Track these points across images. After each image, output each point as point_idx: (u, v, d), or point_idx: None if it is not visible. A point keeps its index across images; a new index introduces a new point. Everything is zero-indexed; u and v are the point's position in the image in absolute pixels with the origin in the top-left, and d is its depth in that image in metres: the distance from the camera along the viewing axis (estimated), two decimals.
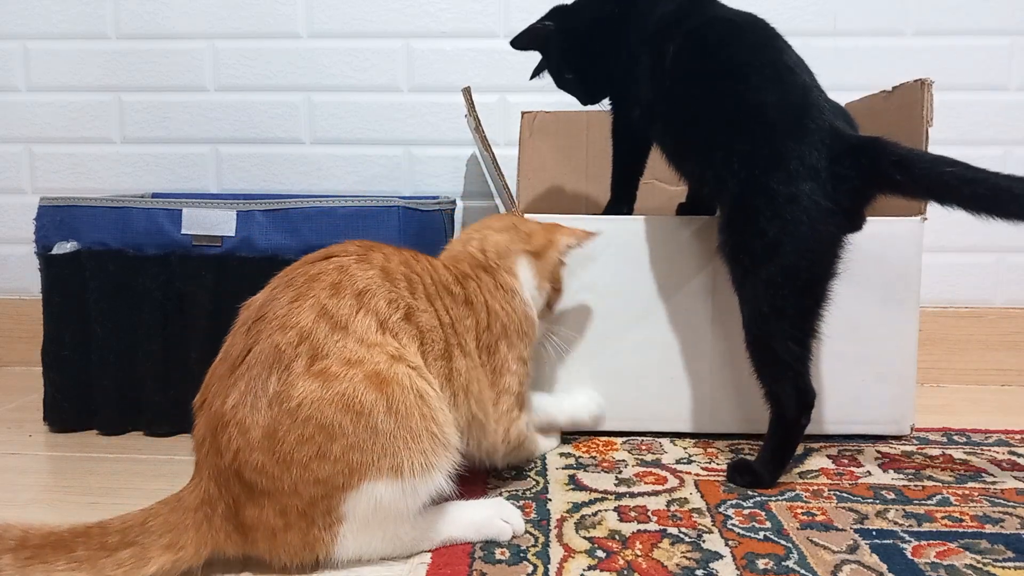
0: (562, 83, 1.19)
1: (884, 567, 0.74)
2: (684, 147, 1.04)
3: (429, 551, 0.77)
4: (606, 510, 0.87)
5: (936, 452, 1.08)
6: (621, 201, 1.18)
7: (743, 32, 1.00)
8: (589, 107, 1.20)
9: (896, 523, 0.84)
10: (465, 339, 0.85)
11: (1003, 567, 0.74)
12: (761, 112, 0.92)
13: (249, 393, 0.71)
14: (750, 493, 0.93)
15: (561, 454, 1.06)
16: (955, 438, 1.14)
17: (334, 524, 0.71)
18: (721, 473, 0.99)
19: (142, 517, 0.71)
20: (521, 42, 1.16)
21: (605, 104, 1.18)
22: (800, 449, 1.06)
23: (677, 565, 0.74)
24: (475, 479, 0.95)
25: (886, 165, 0.88)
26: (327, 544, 0.71)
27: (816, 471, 1.00)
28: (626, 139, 1.15)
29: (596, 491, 0.93)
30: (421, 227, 1.19)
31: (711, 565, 0.74)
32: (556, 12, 1.16)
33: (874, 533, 0.81)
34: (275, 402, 0.70)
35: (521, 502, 0.89)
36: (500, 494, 0.91)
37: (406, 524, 0.75)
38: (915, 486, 0.95)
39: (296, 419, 0.69)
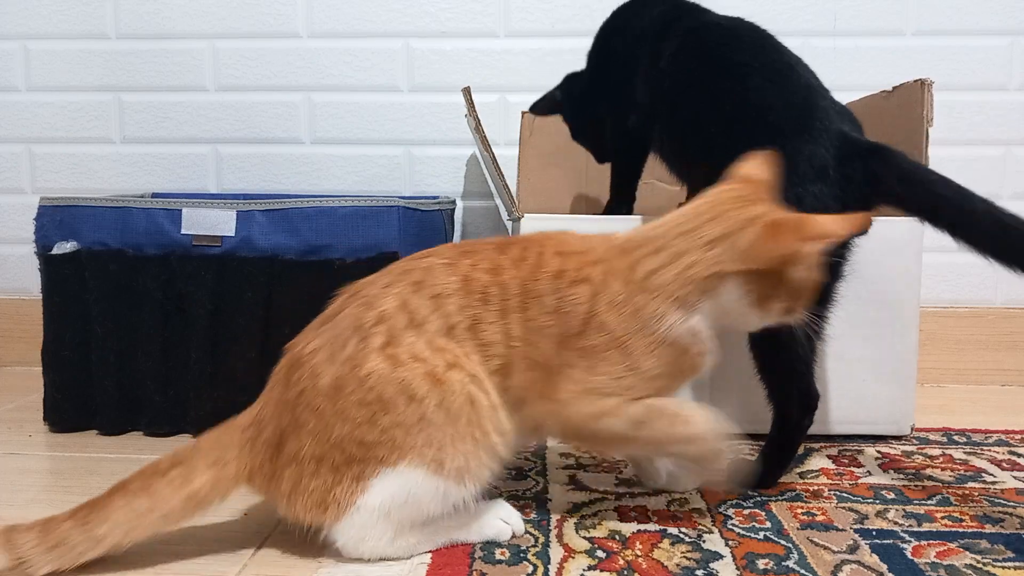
0: (579, 142, 1.25)
1: (884, 567, 0.74)
2: (684, 152, 1.04)
3: (429, 551, 0.77)
4: (606, 510, 0.87)
5: (936, 452, 1.08)
6: (620, 203, 1.18)
7: (738, 34, 1.00)
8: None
9: (896, 523, 0.84)
10: (536, 349, 0.78)
11: (1003, 567, 0.74)
12: (765, 113, 0.92)
13: (329, 344, 0.75)
14: (750, 493, 0.92)
15: (561, 454, 1.06)
16: (955, 438, 1.14)
17: (357, 492, 0.72)
18: None
19: (196, 440, 0.77)
20: (539, 109, 1.24)
21: None
22: (800, 449, 1.06)
23: (677, 565, 0.74)
24: None
25: (891, 176, 0.88)
26: (340, 510, 0.72)
27: (816, 471, 1.00)
28: (624, 144, 1.15)
29: (596, 491, 0.93)
30: (421, 227, 1.19)
31: (711, 565, 0.74)
32: (566, 80, 1.22)
33: (874, 533, 0.81)
34: (348, 362, 0.73)
35: (521, 502, 0.89)
36: (500, 494, 0.91)
37: (416, 529, 0.75)
38: (915, 486, 0.95)
39: (362, 385, 0.72)
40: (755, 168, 0.83)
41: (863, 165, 0.89)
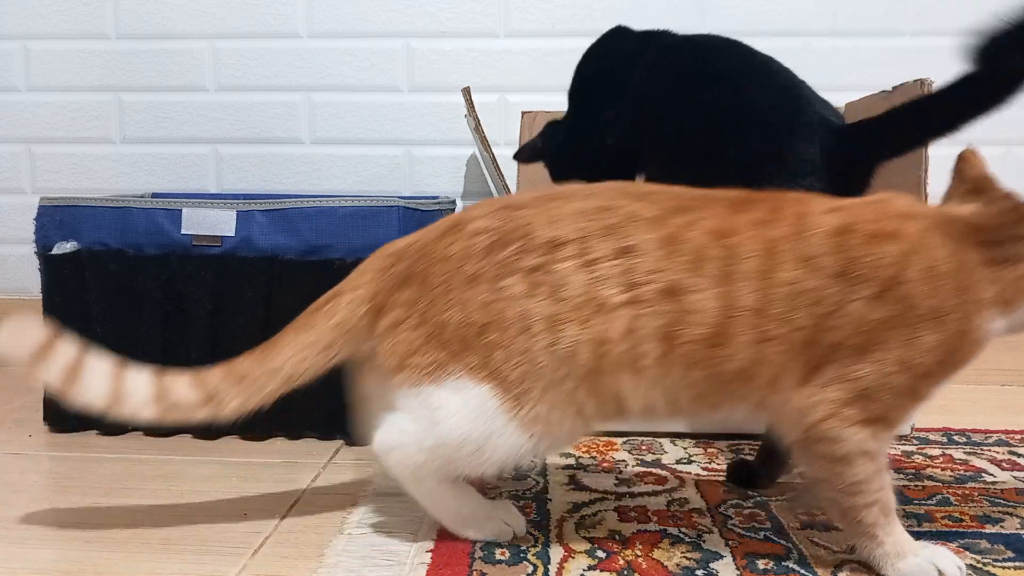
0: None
1: None
2: (672, 162, 1.04)
3: (428, 549, 0.77)
4: (606, 510, 0.87)
5: (936, 452, 1.08)
6: None
7: (713, 45, 1.02)
8: None
9: None
10: (779, 322, 0.69)
11: (1003, 567, 0.74)
12: (756, 114, 0.93)
13: (492, 235, 0.72)
14: (750, 493, 0.92)
15: (561, 454, 1.06)
16: (955, 438, 1.14)
17: (429, 378, 0.71)
18: (721, 473, 0.99)
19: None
20: (522, 156, 1.23)
21: None
22: None
23: (677, 565, 0.74)
24: (475, 479, 0.95)
25: (867, 138, 0.90)
26: (408, 380, 0.72)
27: None
28: (612, 164, 1.15)
29: (596, 491, 0.93)
30: (421, 227, 1.19)
31: (711, 565, 0.74)
32: (547, 126, 1.22)
33: None
34: (496, 266, 0.71)
35: (521, 502, 0.89)
36: (500, 494, 0.91)
37: (440, 480, 0.75)
38: (915, 486, 0.95)
39: (493, 294, 0.71)
40: (983, 168, 0.78)
41: (844, 145, 0.90)
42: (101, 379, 0.75)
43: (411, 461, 0.74)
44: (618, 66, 1.08)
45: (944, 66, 1.50)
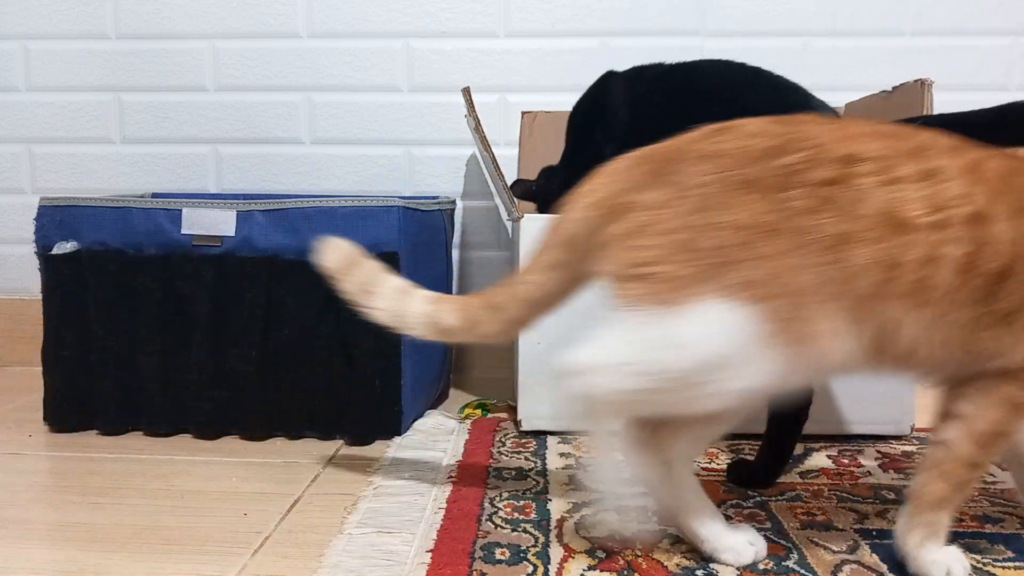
0: None
1: (884, 567, 0.74)
2: None
3: (428, 549, 0.77)
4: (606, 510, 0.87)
5: None
6: None
7: (700, 68, 1.02)
8: None
9: (896, 523, 0.84)
10: None
11: (1003, 567, 0.74)
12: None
13: (768, 138, 0.66)
14: (750, 493, 0.93)
15: (561, 454, 1.06)
16: None
17: (663, 295, 0.63)
18: (721, 473, 0.99)
19: None
20: (516, 191, 1.25)
21: None
22: (800, 449, 1.06)
23: (677, 565, 0.74)
24: (475, 479, 0.95)
25: None
26: (643, 295, 0.64)
27: (816, 471, 1.00)
28: None
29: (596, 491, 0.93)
30: (421, 227, 1.19)
31: (711, 565, 0.74)
32: (542, 172, 1.24)
33: (874, 533, 0.81)
34: (772, 173, 0.64)
35: (521, 502, 0.89)
36: (500, 494, 0.91)
37: (637, 410, 0.70)
38: None
39: (771, 203, 0.63)
40: None
41: None
42: (390, 298, 0.83)
43: (617, 385, 0.65)
44: (615, 99, 1.08)
45: (944, 66, 1.51)
